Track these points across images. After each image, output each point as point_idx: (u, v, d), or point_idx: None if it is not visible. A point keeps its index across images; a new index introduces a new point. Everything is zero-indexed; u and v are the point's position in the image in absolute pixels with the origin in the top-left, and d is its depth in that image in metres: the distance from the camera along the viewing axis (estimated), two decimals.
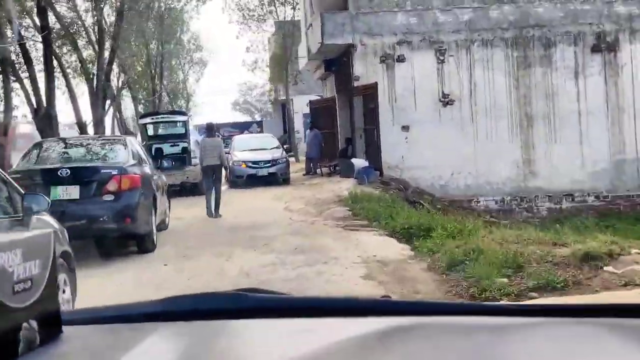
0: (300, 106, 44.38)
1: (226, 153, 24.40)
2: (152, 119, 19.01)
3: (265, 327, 1.40)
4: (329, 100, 24.91)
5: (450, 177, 20.68)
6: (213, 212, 14.15)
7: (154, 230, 9.72)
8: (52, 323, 1.28)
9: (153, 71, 36.38)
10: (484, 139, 20.68)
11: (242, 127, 50.36)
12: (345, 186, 18.25)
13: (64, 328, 1.31)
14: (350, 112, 23.34)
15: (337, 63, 23.35)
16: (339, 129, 23.95)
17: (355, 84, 20.42)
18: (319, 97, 27.48)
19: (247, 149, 23.81)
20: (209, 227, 12.97)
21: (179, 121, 19.44)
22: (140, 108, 41.53)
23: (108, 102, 23.51)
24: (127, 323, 1.45)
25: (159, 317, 1.45)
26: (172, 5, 36.91)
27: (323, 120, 25.15)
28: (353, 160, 19.39)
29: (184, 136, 19.37)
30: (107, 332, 1.44)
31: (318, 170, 24.09)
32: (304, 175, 24.44)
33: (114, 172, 8.78)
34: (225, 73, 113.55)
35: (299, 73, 35.23)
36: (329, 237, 10.70)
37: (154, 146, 19.87)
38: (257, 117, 69.21)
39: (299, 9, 33.51)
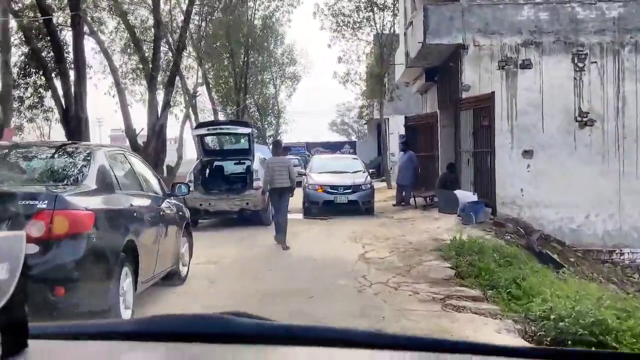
0: (397, 126, 40.15)
1: (303, 174, 20.83)
2: (209, 129, 15.43)
3: (250, 353, 1.38)
4: (428, 117, 20.61)
5: (584, 219, 15.83)
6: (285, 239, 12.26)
7: (123, 304, 5.76)
8: (17, 335, 1.22)
9: (238, 82, 33.26)
10: (633, 173, 15.73)
11: (334, 148, 46.73)
12: (445, 226, 13.89)
13: (31, 342, 1.24)
14: (455, 131, 18.91)
15: (441, 71, 19.06)
16: (439, 151, 19.56)
17: (464, 95, 16.06)
18: (416, 115, 23.17)
19: (325, 171, 19.88)
20: (242, 282, 9.01)
21: (242, 134, 15.73)
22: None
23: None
24: (102, 340, 1.40)
25: (136, 336, 1.39)
26: (260, 12, 33.80)
27: (420, 140, 20.85)
28: (457, 192, 14.97)
29: (248, 152, 15.69)
30: (76, 348, 1.40)
31: (411, 201, 19.76)
32: (394, 205, 20.18)
33: (42, 204, 4.96)
34: (319, 89, 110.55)
35: (396, 88, 31.07)
36: (419, 324, 6.45)
37: (212, 163, 16.32)
38: (354, 139, 65.56)
39: (399, 15, 29.49)
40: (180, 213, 8.54)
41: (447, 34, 16.06)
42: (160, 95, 19.05)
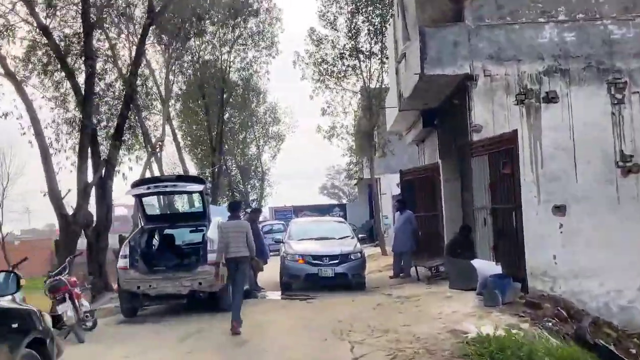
0: (389, 186, 36.76)
1: (280, 242, 17.31)
2: (149, 188, 11.89)
3: None
4: (427, 169, 17.27)
5: (637, 292, 12.34)
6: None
7: None
8: None
9: (213, 140, 30.03)
10: None
11: (323, 211, 43.18)
12: (462, 308, 10.32)
13: None
14: (463, 184, 15.60)
15: (442, 112, 15.85)
16: (443, 210, 16.15)
17: (475, 137, 12.76)
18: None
19: (307, 238, 16.41)
20: None
21: (191, 192, 12.21)
22: None
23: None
24: None
25: None
26: (237, 64, 30.93)
27: (419, 198, 17.45)
28: (476, 262, 11.43)
29: (202, 216, 12.19)
30: None
31: (412, 271, 16.19)
32: (391, 277, 16.57)
33: None
34: (307, 150, 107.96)
35: (388, 142, 27.89)
36: None
37: (155, 232, 12.80)
38: (345, 201, 62.24)
39: (387, 64, 26.64)
40: (15, 324, 4.93)
41: (451, 62, 12.88)
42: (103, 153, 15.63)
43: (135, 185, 12.26)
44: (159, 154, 25.21)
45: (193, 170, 35.55)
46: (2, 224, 17.51)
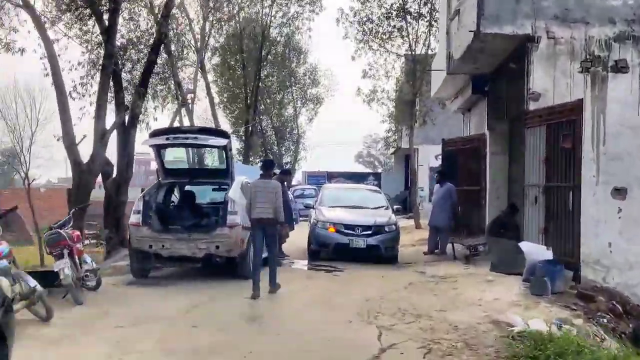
0: (427, 158, 35.56)
1: (310, 207, 16.33)
2: (168, 139, 10.90)
3: None
4: (473, 140, 15.96)
5: None
6: (259, 290, 9.41)
7: None
8: None
9: (249, 97, 28.98)
10: None
11: (357, 179, 41.93)
12: (505, 295, 9.20)
13: None
14: (511, 158, 14.36)
15: (495, 78, 14.52)
16: (487, 185, 14.92)
17: (532, 106, 11.46)
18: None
19: (339, 205, 15.35)
20: None
21: (214, 146, 11.15)
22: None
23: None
24: None
25: None
26: (278, 19, 29.65)
27: (462, 170, 16.18)
28: (524, 245, 10.23)
29: (225, 174, 11.17)
30: None
31: (448, 248, 15.05)
32: (425, 254, 15.46)
33: None
34: (345, 118, 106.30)
35: (430, 110, 26.51)
36: None
37: (174, 188, 11.85)
38: (380, 171, 60.98)
39: (436, 26, 25.09)
40: None
41: (511, 20, 11.52)
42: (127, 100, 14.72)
43: (154, 135, 11.28)
44: (190, 106, 24.24)
45: (227, 128, 34.82)
46: (29, 170, 16.63)
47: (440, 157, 38.74)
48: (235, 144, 37.02)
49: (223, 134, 11.20)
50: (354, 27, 26.17)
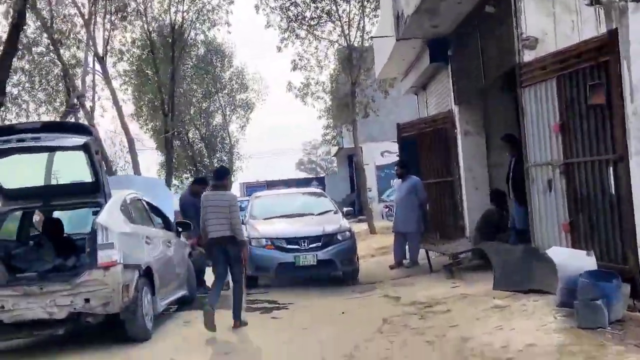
0: (372, 156, 32.58)
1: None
2: None
3: None
4: (437, 120, 12.70)
5: None
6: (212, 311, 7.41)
7: None
8: None
9: (163, 101, 25.07)
10: None
11: (300, 185, 38.44)
12: (540, 337, 5.86)
13: None
14: (488, 139, 11.23)
15: (460, 39, 11.34)
16: (463, 174, 11.72)
17: (527, 56, 8.25)
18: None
19: (276, 216, 11.98)
20: None
21: (68, 148, 7.15)
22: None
23: None
24: None
25: None
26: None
27: (426, 158, 12.95)
28: (553, 251, 6.89)
29: (94, 190, 7.41)
30: None
31: (421, 256, 11.76)
32: (392, 268, 12.09)
33: None
34: (281, 127, 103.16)
35: (371, 100, 23.32)
36: None
37: (18, 215, 8.03)
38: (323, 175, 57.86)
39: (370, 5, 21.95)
40: None
41: None
42: None
43: None
44: (79, 113, 20.27)
45: (148, 143, 30.91)
46: None
47: (386, 153, 36.52)
48: (159, 158, 33.13)
49: (81, 129, 7.43)
50: (277, 13, 22.81)
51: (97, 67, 23.01)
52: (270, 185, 39.61)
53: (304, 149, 77.13)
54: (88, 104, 21.01)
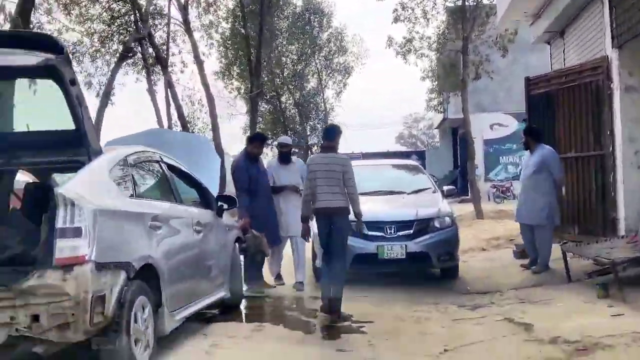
0: (480, 129, 28.68)
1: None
2: None
3: None
4: (585, 71, 9.23)
5: None
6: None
7: None
8: None
9: (250, 61, 22.61)
10: None
11: (398, 159, 35.14)
12: None
13: None
14: None
15: None
16: (620, 146, 8.40)
17: None
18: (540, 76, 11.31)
19: (362, 192, 9.06)
20: None
21: (25, 70, 4.50)
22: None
23: None
24: None
25: None
26: None
27: (565, 124, 9.61)
28: None
29: (75, 141, 4.80)
30: None
31: (554, 259, 8.57)
32: (525, 268, 8.95)
33: None
34: (380, 94, 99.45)
35: (485, 60, 19.83)
36: None
37: None
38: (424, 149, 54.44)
39: None
40: None
41: None
42: None
43: None
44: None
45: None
46: None
47: (496, 126, 32.59)
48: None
49: (43, 42, 4.75)
50: None
51: (178, 16, 20.86)
52: (367, 157, 36.67)
53: (405, 122, 74.11)
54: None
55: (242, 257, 7.71)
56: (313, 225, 7.06)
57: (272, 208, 8.32)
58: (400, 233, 8.34)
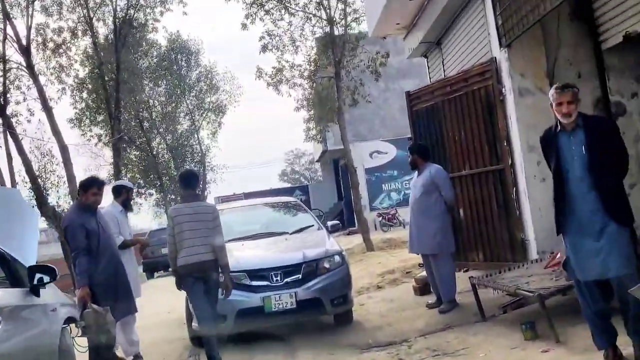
0: (360, 158, 27.89)
1: None
2: None
3: None
4: (472, 77, 8.12)
5: None
6: None
7: None
8: None
9: (108, 104, 20.52)
10: None
11: (282, 195, 33.74)
12: None
13: None
14: None
15: None
16: (517, 157, 7.41)
17: None
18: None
19: (233, 238, 7.98)
20: None
21: None
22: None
23: None
24: None
25: None
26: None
27: (453, 139, 8.56)
28: None
29: None
30: None
31: (462, 293, 7.41)
32: (430, 306, 7.69)
33: None
34: (261, 133, 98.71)
35: (360, 84, 18.98)
36: None
37: None
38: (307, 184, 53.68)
39: None
40: None
41: None
42: None
43: None
44: None
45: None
46: None
47: (375, 154, 32.08)
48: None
49: None
50: None
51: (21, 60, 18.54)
52: (249, 196, 35.07)
53: (287, 159, 73.78)
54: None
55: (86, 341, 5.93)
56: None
57: (122, 269, 6.58)
58: (288, 279, 7.19)
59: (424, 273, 8.75)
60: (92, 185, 6.39)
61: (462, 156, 8.33)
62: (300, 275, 7.22)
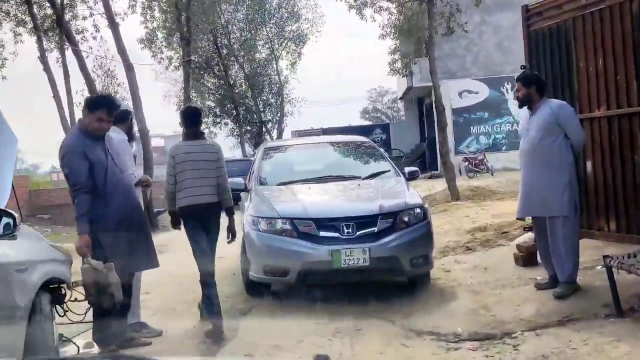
0: (447, 97, 25.43)
1: (241, 190, 7.12)
2: None
3: None
4: None
5: None
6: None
7: None
8: None
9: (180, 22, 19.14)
10: None
11: (359, 134, 31.80)
12: None
13: None
14: None
15: None
16: None
17: None
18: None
19: (299, 180, 6.93)
20: None
21: None
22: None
23: None
24: None
25: None
26: None
27: (586, 69, 6.54)
28: None
29: None
30: None
31: (584, 271, 5.60)
32: (537, 288, 5.93)
33: None
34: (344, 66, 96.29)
35: (456, 10, 16.70)
36: None
37: None
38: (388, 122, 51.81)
39: None
40: None
41: None
42: None
43: None
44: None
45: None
46: None
47: (465, 94, 29.62)
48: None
49: None
50: None
51: None
52: (327, 132, 33.47)
53: (369, 96, 72.03)
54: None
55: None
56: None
57: (139, 212, 5.13)
58: (361, 232, 6.15)
59: (525, 237, 7.03)
60: (101, 105, 4.79)
61: (597, 93, 6.32)
62: (375, 229, 6.15)
